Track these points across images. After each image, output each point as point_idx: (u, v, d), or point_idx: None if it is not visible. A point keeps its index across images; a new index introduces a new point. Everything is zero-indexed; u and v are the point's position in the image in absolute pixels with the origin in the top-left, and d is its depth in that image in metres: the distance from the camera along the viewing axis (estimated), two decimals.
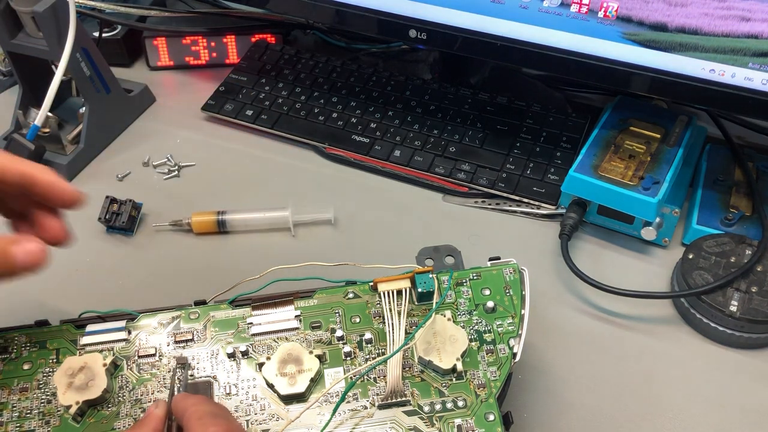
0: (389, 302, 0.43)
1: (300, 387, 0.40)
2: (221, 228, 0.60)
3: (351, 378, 0.41)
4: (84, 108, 0.67)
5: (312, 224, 0.61)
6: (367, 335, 0.43)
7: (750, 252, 0.53)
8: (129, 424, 0.40)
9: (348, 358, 0.42)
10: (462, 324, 0.43)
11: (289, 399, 0.40)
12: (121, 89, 0.70)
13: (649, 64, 0.56)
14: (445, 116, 0.69)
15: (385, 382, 0.41)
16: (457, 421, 0.39)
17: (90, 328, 0.43)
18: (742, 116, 0.67)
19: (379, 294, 0.44)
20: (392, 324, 0.42)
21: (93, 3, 0.75)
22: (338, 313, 0.44)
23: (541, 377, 0.50)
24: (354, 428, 0.39)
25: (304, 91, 0.72)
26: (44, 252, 0.39)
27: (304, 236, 0.61)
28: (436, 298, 0.43)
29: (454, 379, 0.41)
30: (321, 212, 0.61)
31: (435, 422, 0.39)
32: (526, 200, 0.62)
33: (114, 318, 0.44)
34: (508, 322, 0.43)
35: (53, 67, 0.68)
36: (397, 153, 0.66)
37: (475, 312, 0.44)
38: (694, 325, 0.53)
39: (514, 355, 0.42)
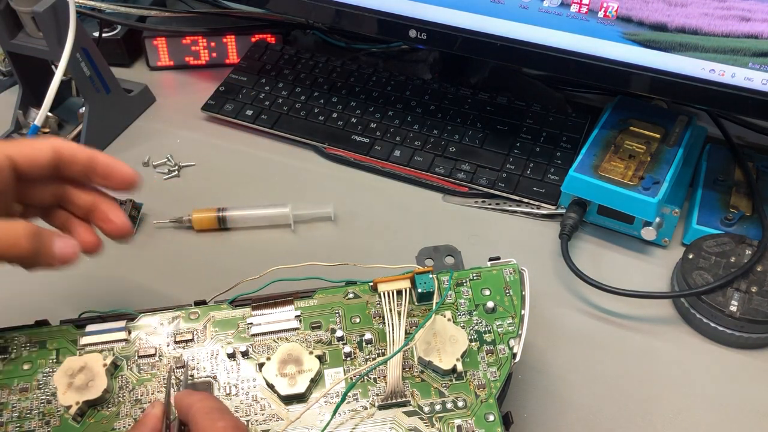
0: (389, 302, 0.43)
1: (300, 387, 0.40)
2: (222, 225, 0.60)
3: (351, 378, 0.41)
4: (84, 108, 0.67)
5: (312, 222, 0.61)
6: (367, 335, 0.43)
7: (750, 252, 0.53)
8: (129, 425, 0.40)
9: (348, 359, 0.42)
10: (462, 324, 0.43)
11: (289, 399, 0.40)
12: (120, 89, 0.70)
13: (649, 64, 0.56)
14: (445, 116, 0.69)
15: (385, 383, 0.41)
16: (457, 421, 0.39)
17: (90, 328, 0.43)
18: (742, 116, 0.67)
19: (379, 294, 0.44)
20: (392, 324, 0.42)
21: (93, 3, 0.75)
22: (338, 313, 0.44)
23: (541, 377, 0.50)
24: (354, 428, 0.39)
25: (304, 91, 0.72)
26: (78, 253, 0.41)
27: (304, 235, 0.61)
28: (436, 299, 0.43)
29: (454, 380, 0.41)
30: (321, 207, 0.61)
31: (435, 422, 0.39)
32: (526, 200, 0.62)
33: (114, 318, 0.44)
34: (508, 322, 0.43)
35: (53, 67, 0.68)
36: (397, 153, 0.66)
37: (475, 312, 0.44)
38: (694, 325, 0.53)
39: (514, 355, 0.42)
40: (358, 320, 0.43)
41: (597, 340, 0.52)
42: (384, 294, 0.43)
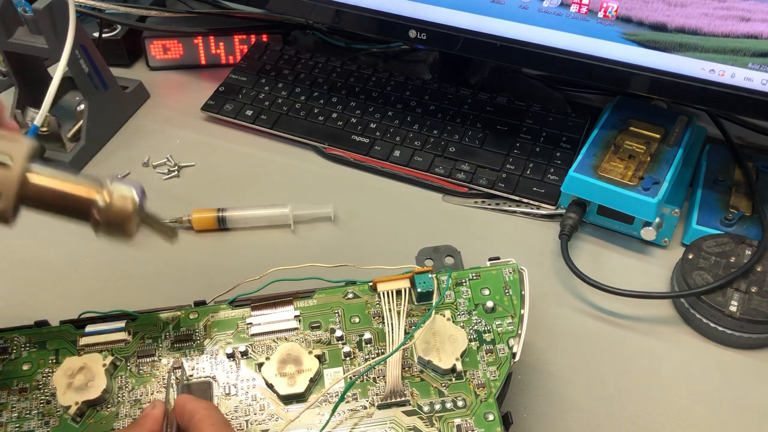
0: (389, 302, 0.43)
1: (299, 387, 0.40)
2: (221, 225, 0.60)
3: (350, 378, 0.41)
4: (83, 105, 0.67)
5: (312, 223, 0.61)
6: (367, 335, 0.43)
7: (750, 252, 0.53)
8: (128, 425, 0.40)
9: (347, 358, 0.42)
10: (461, 324, 0.43)
11: (288, 399, 0.40)
12: (117, 86, 0.71)
13: (649, 64, 0.56)
14: (445, 116, 0.69)
15: (385, 382, 0.41)
16: (457, 420, 0.39)
17: (90, 328, 0.43)
18: (741, 116, 0.67)
19: (379, 294, 0.44)
20: (392, 324, 0.42)
21: (93, 3, 0.75)
22: (338, 313, 0.44)
23: (541, 377, 0.50)
24: (353, 428, 0.39)
25: (304, 91, 0.72)
26: None
27: (303, 236, 0.61)
28: (435, 298, 0.43)
29: (453, 379, 0.41)
30: (320, 207, 0.61)
31: (434, 422, 0.39)
32: (525, 200, 0.62)
33: (114, 318, 0.44)
34: (508, 321, 0.43)
35: (47, 64, 0.67)
36: (396, 153, 0.66)
37: (474, 312, 0.44)
38: (694, 325, 0.53)
39: (514, 355, 0.42)
40: (357, 320, 0.43)
41: (597, 340, 0.52)
42: (383, 294, 0.43)
